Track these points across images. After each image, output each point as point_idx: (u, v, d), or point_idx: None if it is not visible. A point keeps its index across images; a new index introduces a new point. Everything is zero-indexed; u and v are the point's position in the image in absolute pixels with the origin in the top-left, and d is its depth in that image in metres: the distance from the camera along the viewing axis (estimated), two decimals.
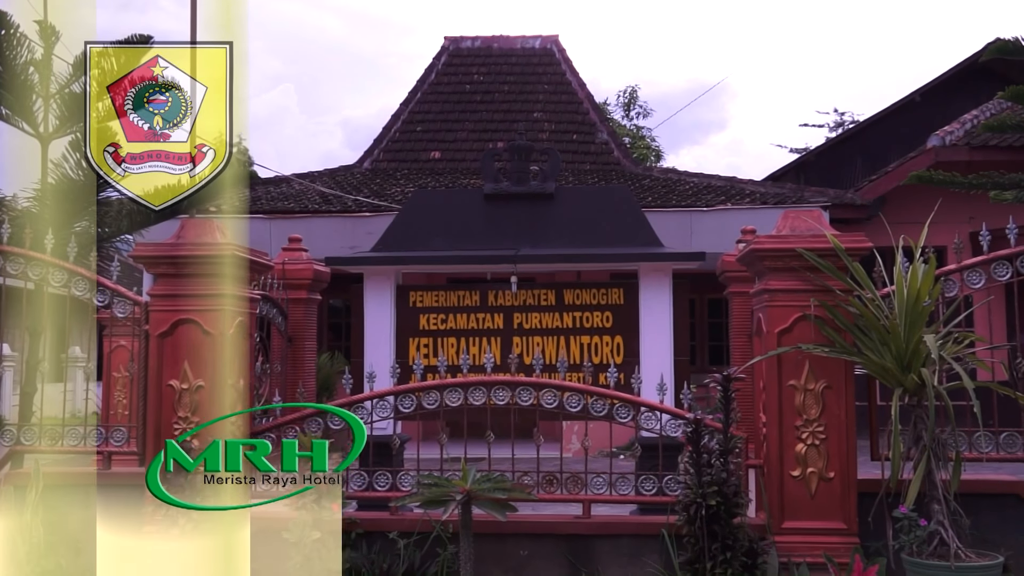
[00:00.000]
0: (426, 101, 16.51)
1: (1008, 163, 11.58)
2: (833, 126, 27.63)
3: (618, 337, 8.71)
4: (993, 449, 4.81)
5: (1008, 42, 6.70)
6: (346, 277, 9.75)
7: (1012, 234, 4.90)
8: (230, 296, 4.95)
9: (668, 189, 13.79)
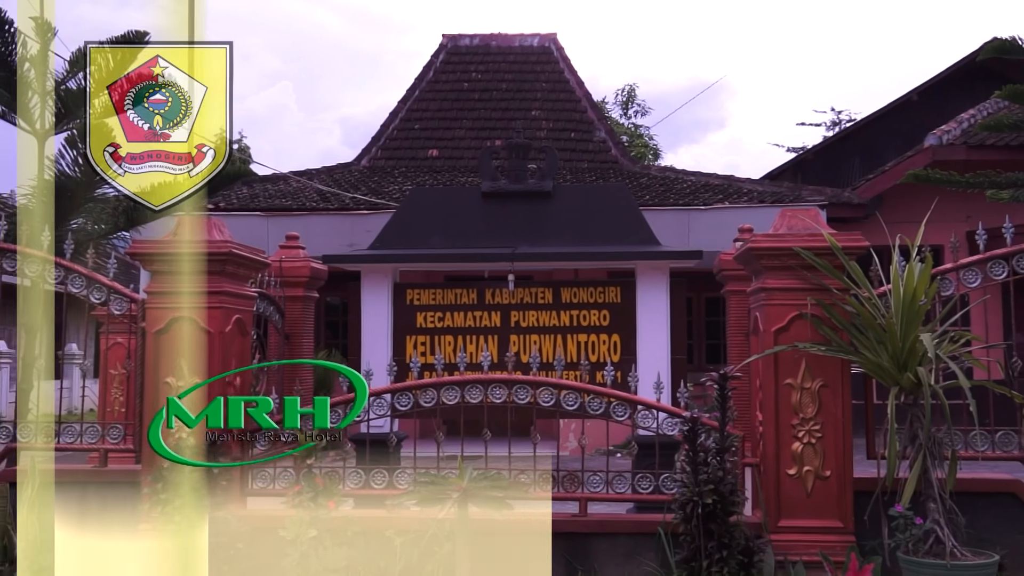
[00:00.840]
0: (424, 99, 16.50)
1: (1005, 162, 11.59)
2: (830, 125, 27.64)
3: (615, 335, 8.73)
4: (989, 448, 4.82)
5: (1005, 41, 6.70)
6: (344, 275, 9.76)
7: (1008, 233, 4.91)
8: (227, 294, 4.94)
9: (666, 188, 13.79)
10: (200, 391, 4.81)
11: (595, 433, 5.89)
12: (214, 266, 4.89)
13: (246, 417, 4.99)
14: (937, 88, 16.60)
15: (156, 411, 4.81)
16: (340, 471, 5.15)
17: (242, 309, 5.15)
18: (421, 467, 5.20)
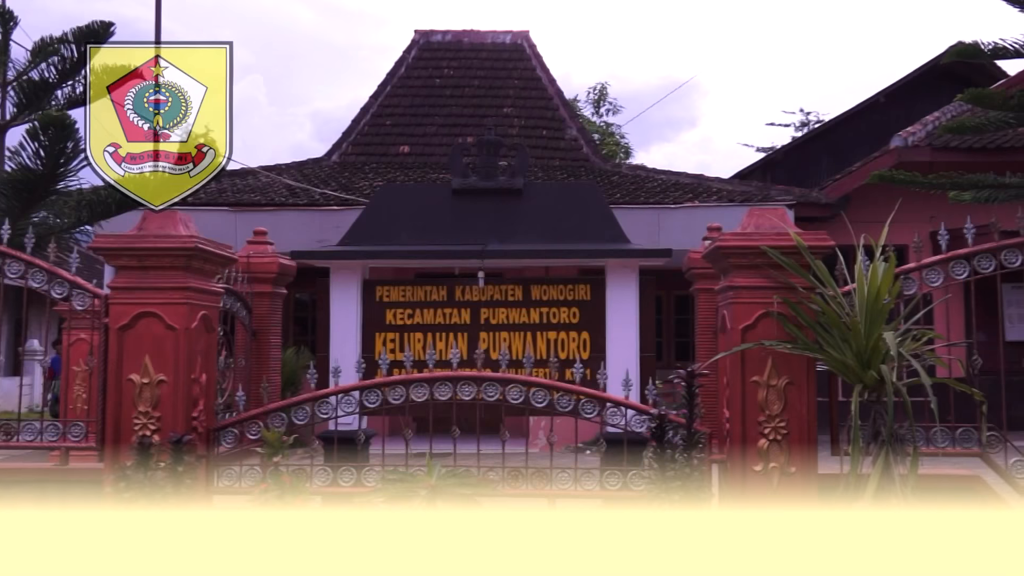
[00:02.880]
0: (396, 95, 16.43)
1: (968, 164, 11.79)
2: (799, 126, 27.95)
3: (585, 333, 8.76)
4: (950, 444, 4.89)
5: (968, 45, 6.81)
6: (313, 271, 9.69)
7: (970, 234, 4.98)
8: (193, 289, 4.88)
9: (637, 186, 13.86)
10: (166, 389, 4.76)
11: (565, 430, 5.92)
12: (180, 261, 4.82)
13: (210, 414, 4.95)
14: (903, 90, 16.85)
15: (120, 408, 4.77)
16: (307, 469, 5.12)
17: (208, 305, 5.09)
18: (390, 465, 5.18)
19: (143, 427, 4.71)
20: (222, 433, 5.14)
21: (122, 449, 4.64)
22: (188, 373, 4.83)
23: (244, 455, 5.28)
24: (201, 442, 4.94)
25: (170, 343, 4.78)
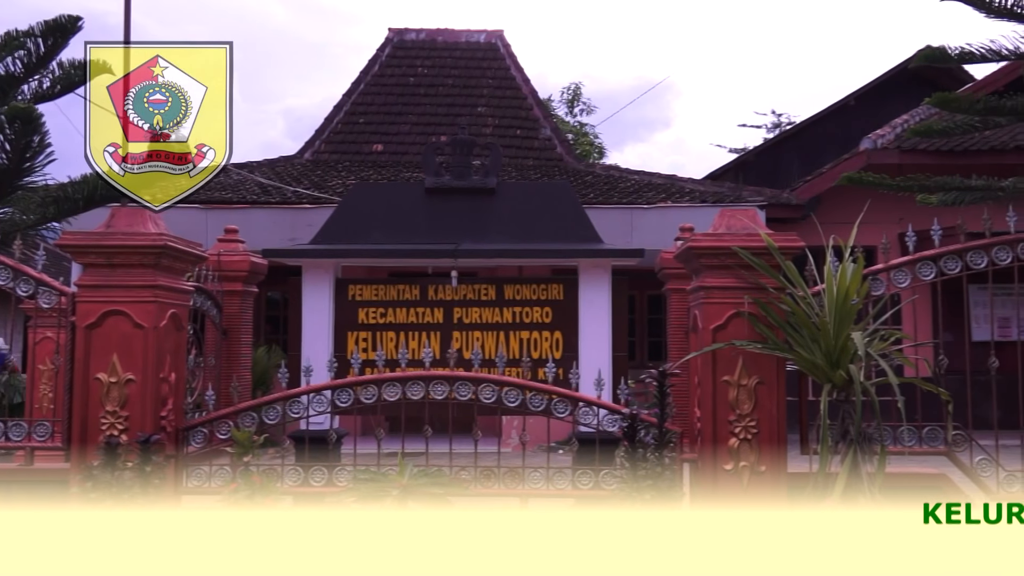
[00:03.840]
0: (369, 93, 16.36)
1: (936, 166, 11.95)
2: (771, 127, 28.19)
3: (557, 332, 8.76)
4: (917, 443, 4.96)
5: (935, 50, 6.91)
6: (285, 269, 9.62)
7: (937, 235, 5.06)
8: (162, 288, 4.83)
9: (610, 186, 13.91)
10: (134, 388, 4.71)
11: (537, 430, 5.93)
12: (148, 259, 4.77)
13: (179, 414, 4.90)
14: (873, 93, 17.05)
15: (87, 408, 4.70)
16: (278, 469, 5.08)
17: (178, 304, 5.04)
18: (361, 464, 5.16)
19: (110, 427, 4.65)
20: (191, 433, 5.09)
21: (89, 449, 4.58)
22: (157, 372, 4.77)
23: (214, 455, 5.23)
24: (170, 442, 4.89)
25: (138, 342, 4.73)
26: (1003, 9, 6.27)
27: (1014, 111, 6.53)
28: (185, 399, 5.23)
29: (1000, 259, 5.01)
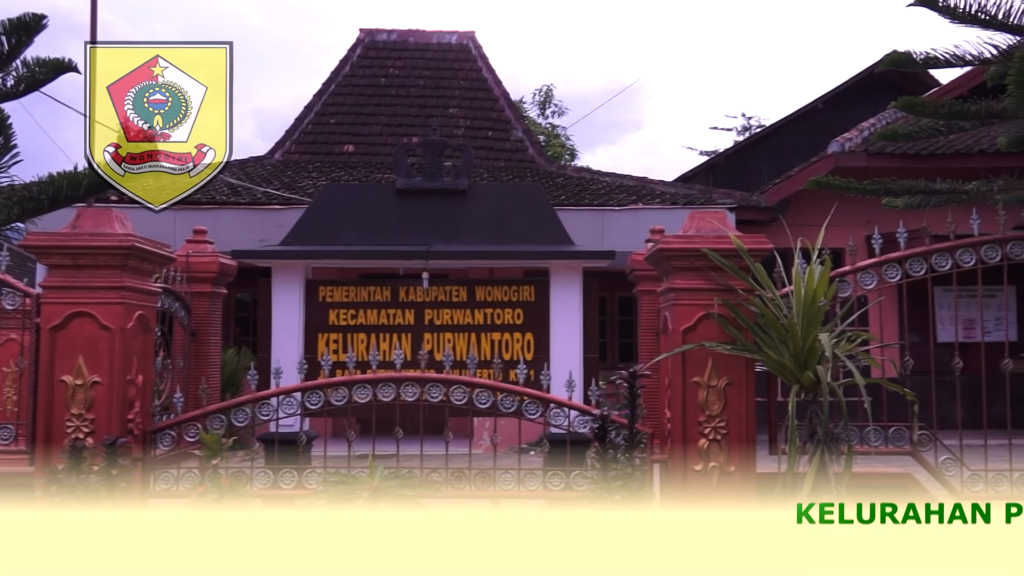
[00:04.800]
0: (340, 93, 16.28)
1: (902, 170, 12.11)
2: (741, 130, 28.43)
3: (529, 334, 8.78)
4: (883, 443, 5.03)
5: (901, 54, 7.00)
6: (255, 270, 9.55)
7: (902, 238, 5.13)
8: (129, 289, 4.77)
9: (581, 188, 13.95)
10: (100, 390, 4.64)
11: (509, 431, 5.93)
12: (115, 260, 4.71)
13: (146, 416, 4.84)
14: (842, 97, 17.25)
15: (52, 411, 4.63)
16: (247, 471, 5.04)
17: (145, 305, 4.98)
18: (331, 466, 5.13)
19: (76, 430, 4.59)
20: (159, 435, 5.04)
21: (54, 452, 4.52)
22: (124, 374, 4.72)
23: (182, 458, 5.18)
24: (137, 445, 4.83)
25: (105, 344, 4.67)
26: (967, 15, 6.37)
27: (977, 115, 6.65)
28: (153, 402, 5.17)
29: (964, 262, 5.10)
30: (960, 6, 6.36)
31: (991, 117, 6.70)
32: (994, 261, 5.10)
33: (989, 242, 5.10)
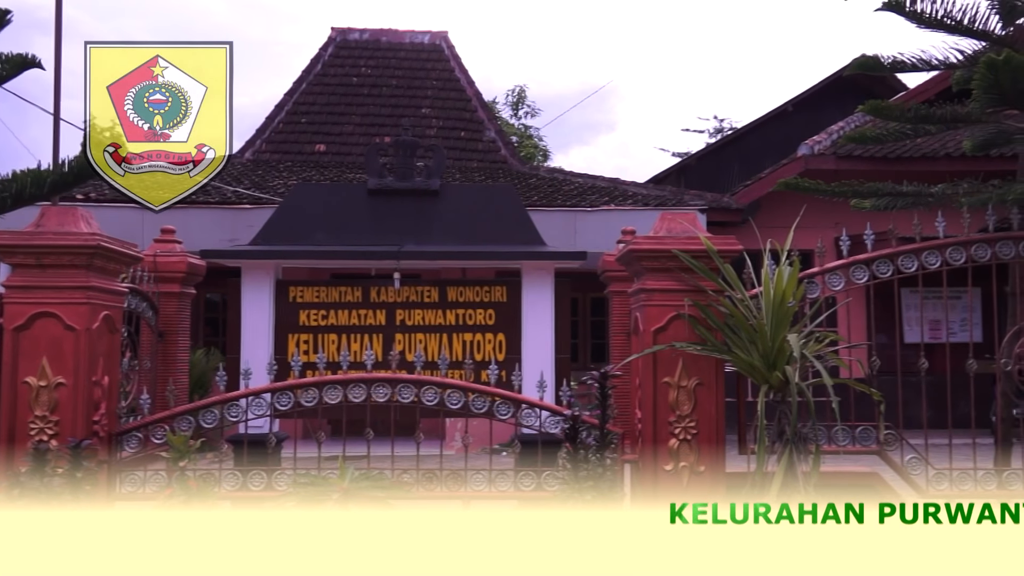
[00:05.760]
0: (312, 92, 16.17)
1: (870, 172, 12.27)
2: (713, 132, 28.62)
3: (500, 334, 8.78)
4: (850, 442, 5.08)
5: (869, 58, 7.10)
6: (225, 270, 9.45)
7: (869, 240, 5.19)
8: (95, 289, 4.71)
9: (554, 189, 13.96)
10: (65, 391, 4.57)
11: (481, 432, 5.92)
12: (80, 260, 4.64)
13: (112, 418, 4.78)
14: (812, 100, 17.43)
15: (15, 412, 4.55)
16: (216, 473, 4.99)
17: (111, 305, 4.92)
18: (302, 468, 5.09)
19: (40, 432, 4.51)
20: (125, 437, 4.97)
21: (17, 455, 4.44)
22: (89, 375, 4.65)
23: (149, 460, 5.11)
24: (102, 447, 4.77)
25: (69, 344, 4.60)
26: (934, 20, 6.47)
27: (943, 120, 6.75)
28: (119, 403, 5.10)
29: (930, 263, 5.17)
30: (927, 11, 6.45)
31: (956, 121, 6.80)
32: (959, 263, 5.18)
33: (954, 244, 5.17)
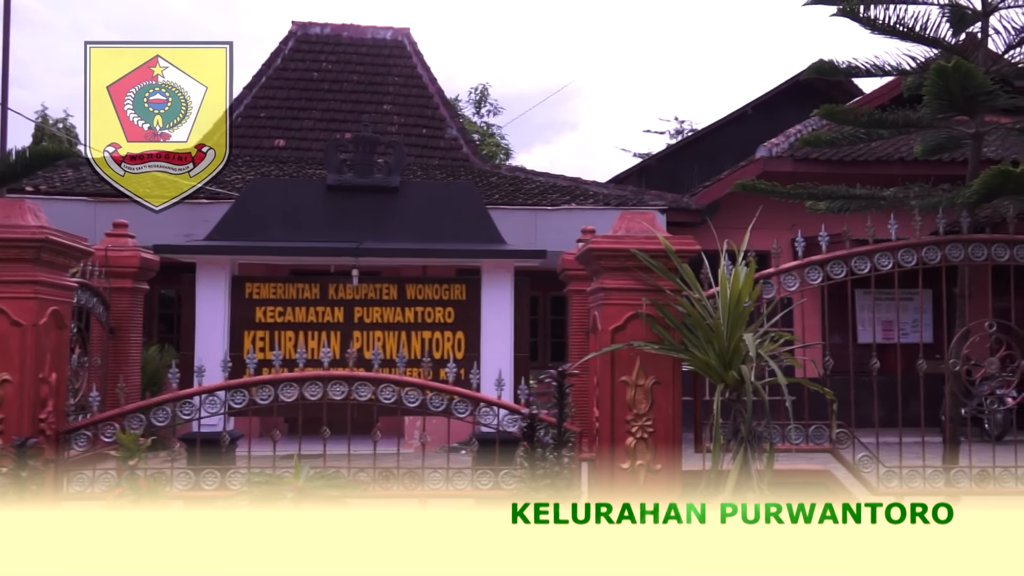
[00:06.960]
0: (271, 87, 16.00)
1: (826, 175, 12.47)
2: (674, 133, 28.90)
3: (459, 332, 8.76)
4: (804, 440, 5.15)
5: (825, 63, 7.18)
6: (179, 266, 9.30)
7: (824, 241, 5.26)
8: (42, 283, 4.59)
9: (515, 187, 13.97)
10: (10, 388, 4.46)
11: (439, 430, 5.90)
12: (27, 253, 4.53)
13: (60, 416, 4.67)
14: (771, 103, 17.67)
15: None
16: (168, 472, 4.90)
17: (60, 300, 4.80)
18: (256, 467, 5.02)
19: None
20: (73, 436, 4.86)
21: None
22: (36, 372, 4.54)
23: (98, 459, 5.00)
24: (50, 445, 4.65)
25: (15, 340, 4.48)
26: (887, 26, 6.56)
27: (895, 124, 6.85)
28: (67, 401, 4.98)
29: (882, 265, 5.25)
30: (880, 18, 6.54)
31: (908, 126, 6.90)
32: (910, 265, 5.27)
33: (905, 246, 5.26)
